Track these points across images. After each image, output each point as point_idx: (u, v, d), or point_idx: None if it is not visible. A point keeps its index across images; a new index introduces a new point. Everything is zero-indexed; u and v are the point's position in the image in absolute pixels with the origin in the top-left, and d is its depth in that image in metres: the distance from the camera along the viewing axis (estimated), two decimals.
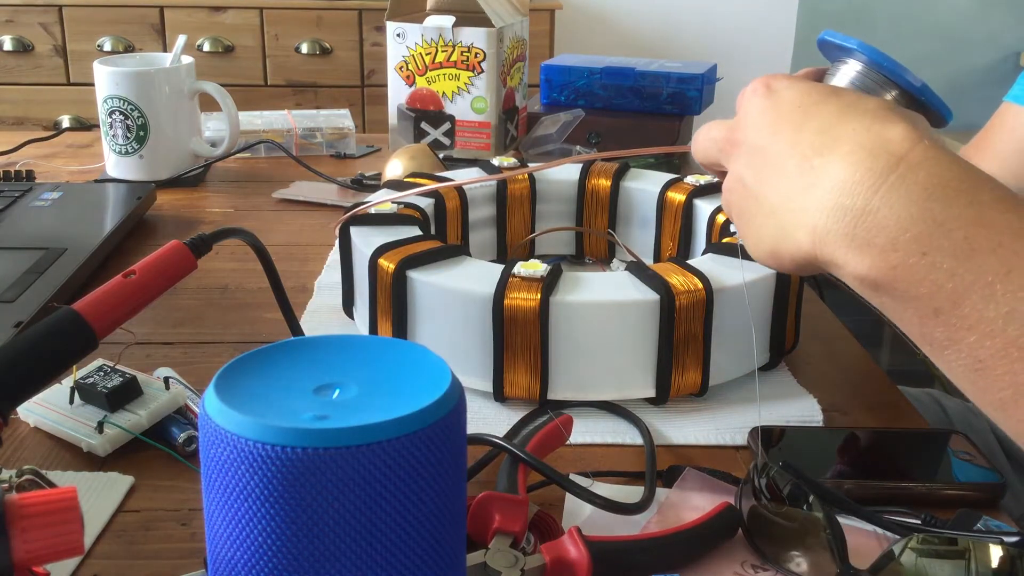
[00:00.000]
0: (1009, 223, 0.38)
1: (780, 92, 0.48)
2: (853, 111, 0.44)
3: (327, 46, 2.65)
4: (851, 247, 0.41)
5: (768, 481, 0.51)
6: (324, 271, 0.89)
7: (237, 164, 1.27)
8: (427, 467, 0.35)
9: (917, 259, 0.39)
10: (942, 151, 0.41)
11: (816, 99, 0.46)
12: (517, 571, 0.46)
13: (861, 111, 0.44)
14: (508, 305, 0.63)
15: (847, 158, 0.42)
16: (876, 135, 0.42)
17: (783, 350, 0.71)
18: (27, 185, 1.06)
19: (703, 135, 0.54)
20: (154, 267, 0.56)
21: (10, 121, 2.66)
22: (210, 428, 0.35)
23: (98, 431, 0.59)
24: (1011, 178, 0.77)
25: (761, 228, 0.47)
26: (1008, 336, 0.37)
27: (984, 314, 0.38)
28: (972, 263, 0.38)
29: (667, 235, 0.85)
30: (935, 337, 0.40)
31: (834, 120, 0.44)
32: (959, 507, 0.54)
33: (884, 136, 0.42)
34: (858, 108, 0.44)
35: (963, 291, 0.38)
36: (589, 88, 1.29)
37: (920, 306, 0.40)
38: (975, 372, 0.39)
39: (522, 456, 0.54)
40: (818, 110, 0.45)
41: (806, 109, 0.46)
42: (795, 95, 0.47)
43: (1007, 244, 0.38)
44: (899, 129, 0.42)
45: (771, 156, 0.47)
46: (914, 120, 0.44)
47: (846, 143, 0.43)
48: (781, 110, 0.47)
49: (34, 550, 0.36)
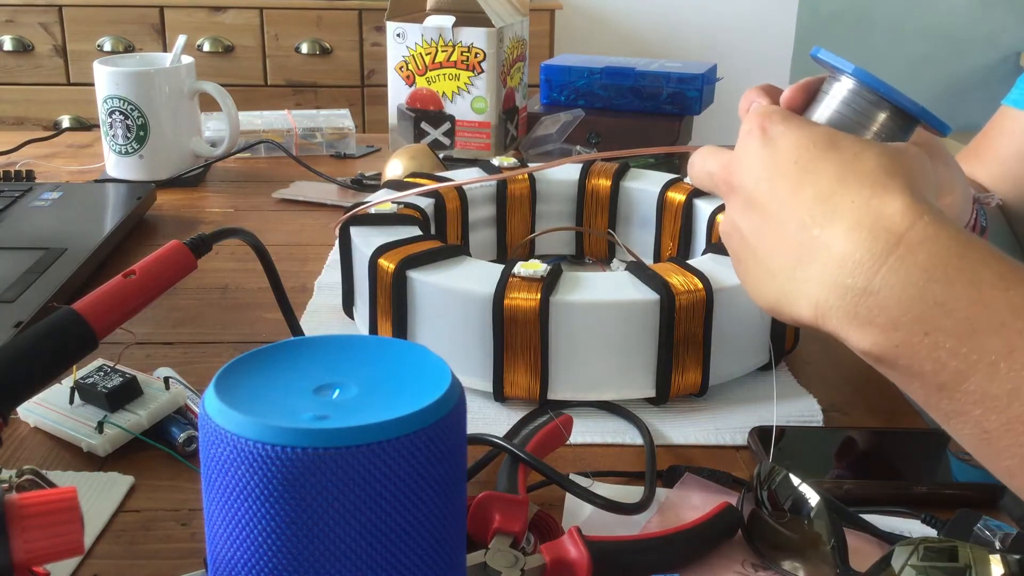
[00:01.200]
0: (1011, 301, 0.38)
1: (776, 141, 0.46)
2: (852, 175, 0.43)
3: (327, 46, 2.65)
4: (853, 324, 0.42)
5: (770, 492, 0.51)
6: (324, 271, 0.89)
7: (237, 164, 1.27)
8: (427, 467, 0.35)
9: (920, 339, 0.39)
10: (942, 226, 0.41)
11: (814, 154, 0.45)
12: (517, 571, 0.46)
13: (860, 176, 0.43)
14: (508, 305, 0.63)
15: (848, 235, 0.42)
16: (875, 211, 0.41)
17: (783, 350, 0.71)
18: (27, 185, 1.06)
19: (699, 165, 0.53)
20: (154, 267, 0.56)
21: (10, 121, 2.66)
22: (210, 428, 0.35)
23: (98, 431, 0.59)
24: (1012, 182, 0.77)
25: (761, 284, 0.47)
26: (1012, 412, 0.38)
27: (988, 391, 0.38)
28: (975, 343, 0.38)
29: (667, 235, 0.85)
30: (941, 407, 0.40)
31: (833, 185, 0.43)
32: (959, 507, 0.54)
33: (883, 212, 0.41)
34: (857, 171, 0.43)
35: (967, 369, 0.39)
36: (589, 88, 1.29)
37: (925, 381, 0.40)
38: (982, 441, 0.40)
39: (522, 456, 0.54)
40: (816, 169, 0.44)
41: (803, 167, 0.45)
42: (792, 147, 0.46)
43: (1009, 323, 0.38)
44: (898, 204, 0.41)
45: (769, 215, 0.46)
46: (914, 184, 0.43)
47: (845, 218, 0.42)
48: (778, 163, 0.46)
49: (34, 550, 0.36)
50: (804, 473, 0.52)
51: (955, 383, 0.39)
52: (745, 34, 3.04)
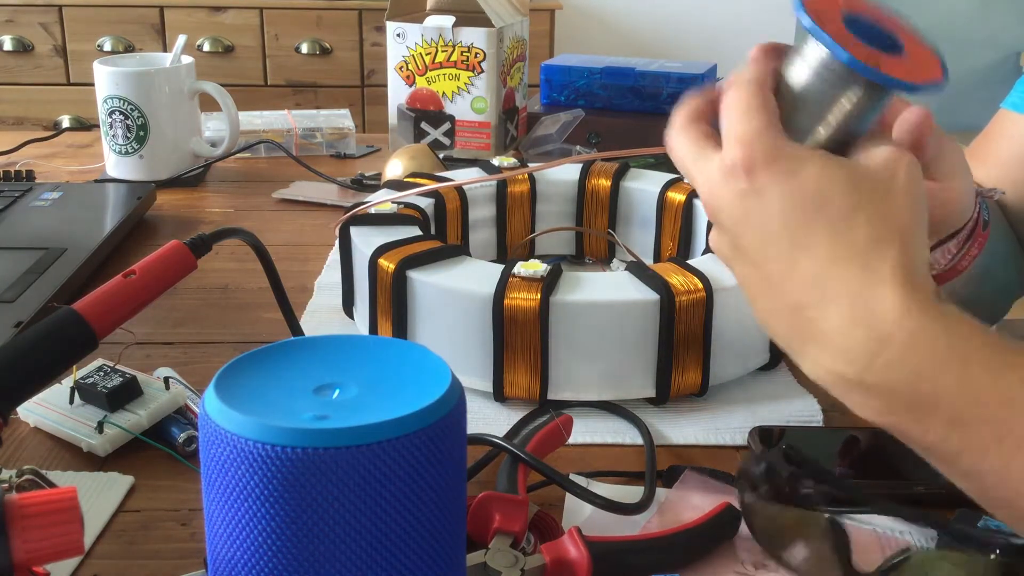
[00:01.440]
0: (1000, 392, 0.40)
1: (763, 194, 0.44)
2: (843, 252, 0.42)
3: (327, 46, 2.65)
4: (851, 398, 0.43)
5: (767, 469, 0.51)
6: (324, 271, 0.89)
7: (237, 164, 1.27)
8: (427, 467, 0.35)
9: (912, 424, 0.41)
10: (932, 319, 0.41)
11: (802, 220, 0.43)
12: (517, 571, 0.46)
13: (851, 254, 0.42)
14: (508, 305, 0.63)
15: (842, 330, 0.42)
16: (865, 309, 0.42)
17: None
18: (27, 185, 1.06)
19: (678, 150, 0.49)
20: (154, 267, 0.56)
21: (10, 121, 2.66)
22: (210, 428, 0.35)
23: (98, 431, 0.59)
24: (1012, 185, 0.77)
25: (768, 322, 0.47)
26: (1010, 485, 0.40)
27: (981, 467, 0.40)
28: (965, 433, 0.40)
29: (667, 235, 0.85)
30: (941, 468, 0.42)
31: (827, 267, 0.43)
32: (959, 507, 0.54)
33: (874, 310, 0.41)
34: (847, 245, 0.42)
35: (959, 451, 0.40)
36: (589, 88, 1.29)
37: (923, 451, 0.42)
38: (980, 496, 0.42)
39: (522, 456, 0.54)
40: (807, 244, 0.43)
41: (793, 237, 0.43)
42: (779, 207, 0.43)
43: (998, 415, 0.39)
44: (889, 300, 0.41)
45: (762, 275, 0.45)
46: (906, 254, 0.42)
47: (841, 310, 0.42)
48: (767, 222, 0.44)
49: (34, 550, 0.36)
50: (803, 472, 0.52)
51: (950, 458, 0.41)
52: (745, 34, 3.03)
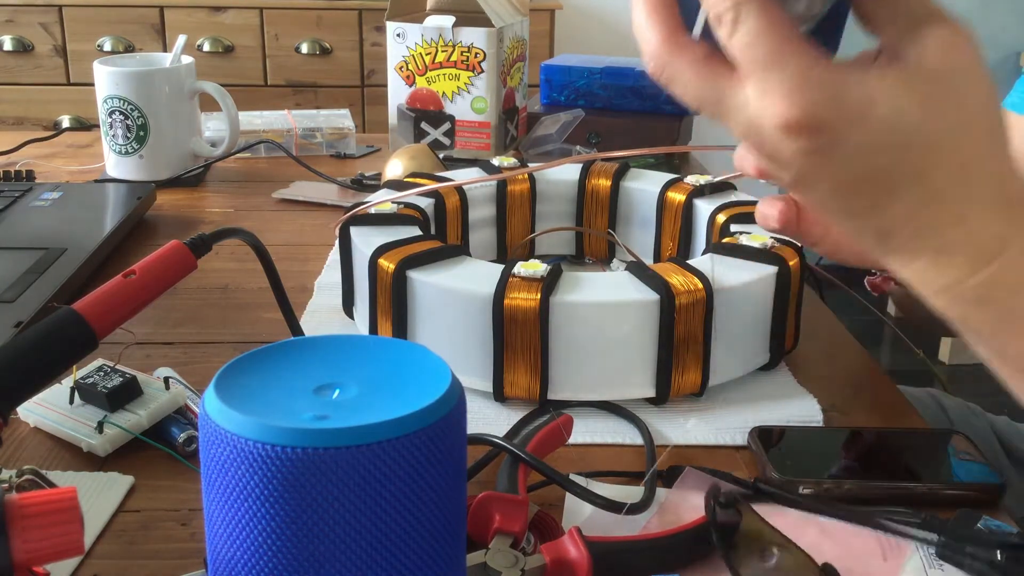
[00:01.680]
0: None
1: (834, 149, 0.37)
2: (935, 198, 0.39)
3: (327, 46, 2.65)
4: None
5: None
6: (324, 271, 0.89)
7: (237, 164, 1.27)
8: (427, 467, 0.35)
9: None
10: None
11: (886, 165, 0.38)
12: (517, 571, 0.46)
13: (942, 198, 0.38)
14: (508, 305, 0.63)
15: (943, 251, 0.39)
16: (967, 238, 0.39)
17: (783, 350, 0.71)
18: (27, 185, 1.06)
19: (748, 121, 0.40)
20: (154, 267, 0.56)
21: (10, 121, 2.66)
22: (210, 428, 0.35)
23: (98, 431, 0.59)
24: None
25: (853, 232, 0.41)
26: None
27: None
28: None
29: (667, 235, 0.85)
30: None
31: (917, 210, 0.39)
32: (959, 507, 0.54)
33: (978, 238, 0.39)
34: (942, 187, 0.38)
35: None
36: (589, 88, 1.29)
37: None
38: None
39: (522, 456, 0.54)
40: (894, 188, 0.38)
41: (875, 186, 0.38)
42: (856, 161, 0.38)
43: None
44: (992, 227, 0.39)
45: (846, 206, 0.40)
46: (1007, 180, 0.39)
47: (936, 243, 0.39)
48: (841, 174, 0.38)
49: (34, 550, 0.36)
50: (802, 474, 0.52)
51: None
52: None
